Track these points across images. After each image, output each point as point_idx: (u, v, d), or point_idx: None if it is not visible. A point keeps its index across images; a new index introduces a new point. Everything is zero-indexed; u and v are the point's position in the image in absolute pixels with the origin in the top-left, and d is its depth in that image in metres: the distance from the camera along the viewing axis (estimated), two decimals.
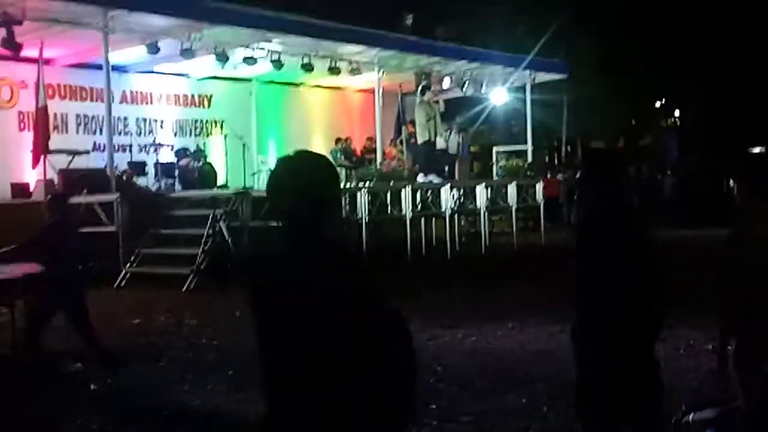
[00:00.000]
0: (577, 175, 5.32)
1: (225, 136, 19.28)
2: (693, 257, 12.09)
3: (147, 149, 18.52)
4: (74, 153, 15.97)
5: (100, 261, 12.80)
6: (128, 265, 14.07)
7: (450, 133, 21.24)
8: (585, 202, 4.63)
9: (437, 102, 19.40)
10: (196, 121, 20.79)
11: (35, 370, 7.61)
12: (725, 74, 36.17)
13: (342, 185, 11.02)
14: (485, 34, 27.77)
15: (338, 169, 9.29)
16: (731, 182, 4.82)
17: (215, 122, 20.87)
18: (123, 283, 13.77)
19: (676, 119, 45.49)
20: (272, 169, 2.81)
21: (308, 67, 18.74)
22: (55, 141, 16.08)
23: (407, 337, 2.70)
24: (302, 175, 2.75)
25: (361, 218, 14.98)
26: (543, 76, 24.22)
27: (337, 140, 21.25)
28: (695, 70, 35.76)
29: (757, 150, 31.32)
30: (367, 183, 16.92)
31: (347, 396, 2.62)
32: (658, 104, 43.17)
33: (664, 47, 34.60)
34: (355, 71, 19.75)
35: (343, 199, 13.32)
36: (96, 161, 16.65)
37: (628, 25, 32.97)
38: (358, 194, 15.28)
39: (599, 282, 4.29)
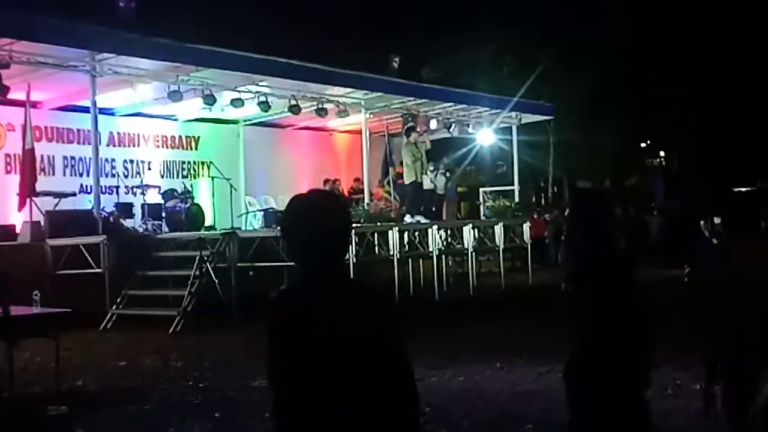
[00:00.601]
0: (565, 214, 5.35)
1: (212, 178, 19.26)
2: (679, 297, 12.10)
3: (134, 191, 18.49)
4: (61, 195, 15.92)
5: (86, 303, 12.70)
6: (114, 306, 13.96)
7: (437, 173, 21.30)
8: (573, 242, 4.65)
9: (424, 142, 19.50)
10: (183, 162, 20.80)
11: (19, 414, 7.52)
12: (710, 114, 36.58)
13: None
14: (471, 75, 28.03)
15: None
16: (716, 221, 4.86)
17: (202, 164, 20.89)
18: (109, 325, 13.67)
19: (662, 159, 45.86)
20: (289, 207, 2.87)
21: (295, 109, 18.80)
22: (42, 183, 16.06)
23: (408, 368, 2.78)
24: (327, 214, 2.84)
25: (349, 259, 14.94)
26: (529, 117, 24.35)
27: (325, 181, 21.23)
28: (681, 110, 36.12)
29: (742, 189, 31.45)
30: (355, 224, 16.90)
31: (357, 423, 2.68)
32: (644, 144, 43.50)
33: (649, 87, 34.96)
34: (342, 113, 19.84)
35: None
36: (83, 203, 16.61)
37: (613, 67, 33.32)
38: None
39: (589, 321, 4.30)
